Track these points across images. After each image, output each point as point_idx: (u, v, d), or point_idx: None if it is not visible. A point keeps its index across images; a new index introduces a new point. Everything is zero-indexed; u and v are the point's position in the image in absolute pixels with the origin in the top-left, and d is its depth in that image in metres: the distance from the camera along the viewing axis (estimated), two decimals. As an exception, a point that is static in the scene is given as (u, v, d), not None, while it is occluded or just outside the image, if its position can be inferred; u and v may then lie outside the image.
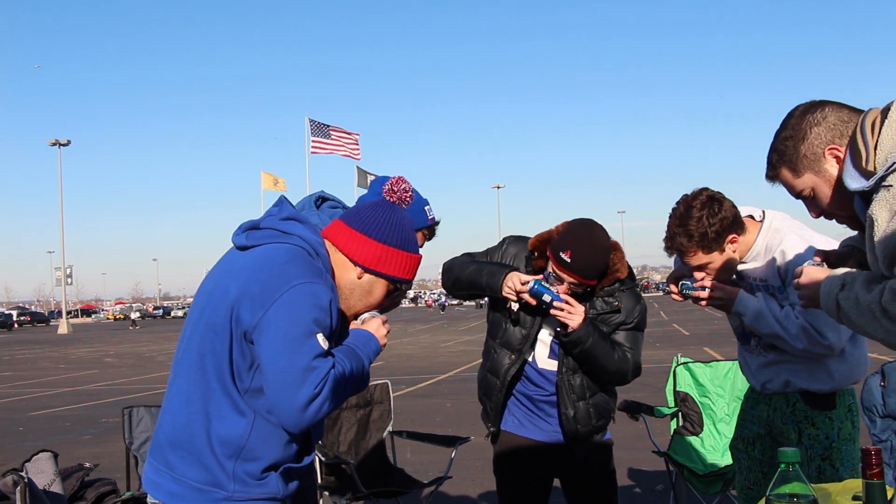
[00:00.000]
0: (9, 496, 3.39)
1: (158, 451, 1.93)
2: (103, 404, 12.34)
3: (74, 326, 57.98)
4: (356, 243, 1.98)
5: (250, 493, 1.88)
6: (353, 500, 4.09)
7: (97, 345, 33.11)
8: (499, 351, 2.94)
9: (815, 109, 1.89)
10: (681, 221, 2.58)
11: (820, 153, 1.86)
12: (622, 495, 5.58)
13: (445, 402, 10.88)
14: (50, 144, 51.68)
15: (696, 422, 4.77)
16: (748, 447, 2.83)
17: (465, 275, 2.94)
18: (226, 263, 1.99)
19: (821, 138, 1.86)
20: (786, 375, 2.68)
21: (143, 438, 4.32)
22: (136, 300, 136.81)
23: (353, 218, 2.01)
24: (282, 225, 1.95)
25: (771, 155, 1.95)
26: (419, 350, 21.59)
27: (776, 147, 1.93)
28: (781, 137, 1.92)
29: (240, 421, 1.86)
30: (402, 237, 2.01)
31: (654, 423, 4.73)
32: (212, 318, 1.87)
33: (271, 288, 1.81)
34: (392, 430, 4.69)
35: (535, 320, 2.88)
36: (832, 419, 2.64)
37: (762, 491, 2.75)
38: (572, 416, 2.86)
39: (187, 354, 1.91)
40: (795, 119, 1.90)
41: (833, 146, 1.85)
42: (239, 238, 1.98)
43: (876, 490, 1.42)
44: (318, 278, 1.86)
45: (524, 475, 3.01)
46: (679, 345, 17.42)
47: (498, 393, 2.94)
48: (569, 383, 2.86)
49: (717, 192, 2.61)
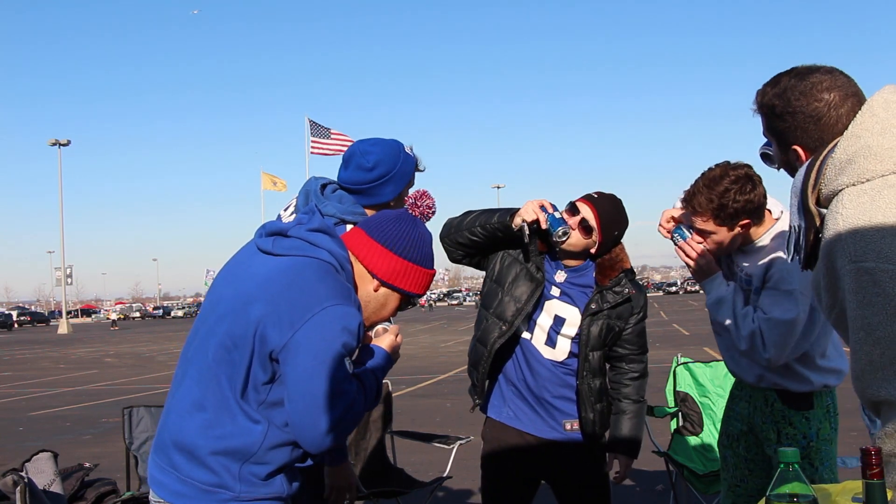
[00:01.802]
0: (9, 496, 3.38)
1: (163, 451, 1.90)
2: (103, 404, 12.33)
3: (74, 326, 57.98)
4: (377, 256, 1.97)
5: (256, 493, 1.86)
6: (353, 500, 4.08)
7: (97, 345, 33.10)
8: (490, 320, 2.91)
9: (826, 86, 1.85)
10: (709, 184, 2.57)
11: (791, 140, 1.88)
12: (622, 495, 5.60)
13: (445, 402, 10.87)
14: (50, 144, 51.67)
15: (696, 422, 4.77)
16: (733, 444, 2.84)
17: (471, 217, 2.90)
18: (246, 266, 1.94)
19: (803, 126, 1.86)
20: (759, 370, 2.69)
21: (143, 438, 4.32)
22: (136, 300, 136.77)
23: (375, 230, 2.00)
24: (311, 237, 1.91)
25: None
26: (419, 350, 21.58)
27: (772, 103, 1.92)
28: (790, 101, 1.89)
29: (253, 430, 1.83)
30: (423, 253, 2.02)
31: (654, 423, 4.73)
32: (233, 328, 1.83)
33: (301, 308, 1.78)
34: (392, 430, 4.69)
35: (531, 296, 2.86)
36: (809, 419, 2.65)
37: (749, 487, 2.78)
38: (592, 419, 2.86)
39: (201, 357, 1.88)
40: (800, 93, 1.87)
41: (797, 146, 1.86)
42: (265, 243, 1.93)
43: (876, 490, 1.42)
44: (348, 300, 1.84)
45: (512, 474, 2.97)
46: (679, 345, 17.43)
47: (484, 363, 2.91)
48: (589, 386, 2.85)
49: (757, 174, 2.60)
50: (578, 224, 2.80)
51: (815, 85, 1.82)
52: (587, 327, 2.82)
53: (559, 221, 2.73)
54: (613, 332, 2.85)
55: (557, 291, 2.89)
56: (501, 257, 2.94)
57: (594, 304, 2.83)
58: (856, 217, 1.62)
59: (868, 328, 1.56)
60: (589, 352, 2.84)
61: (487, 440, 3.02)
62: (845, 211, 1.64)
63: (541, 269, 2.88)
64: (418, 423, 8.42)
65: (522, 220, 2.74)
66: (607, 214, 2.82)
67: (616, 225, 2.85)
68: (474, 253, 2.95)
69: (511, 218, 2.79)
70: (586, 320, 2.82)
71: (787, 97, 1.85)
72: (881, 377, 1.54)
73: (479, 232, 2.85)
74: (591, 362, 2.84)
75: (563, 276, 2.90)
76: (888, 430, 1.53)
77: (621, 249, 2.90)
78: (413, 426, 7.02)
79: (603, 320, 2.83)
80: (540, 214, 2.73)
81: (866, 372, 1.57)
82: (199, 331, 1.93)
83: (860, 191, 1.65)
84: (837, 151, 1.70)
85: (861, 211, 1.62)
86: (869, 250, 1.57)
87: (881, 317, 1.54)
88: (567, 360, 2.88)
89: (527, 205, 2.77)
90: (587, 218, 2.80)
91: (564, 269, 2.90)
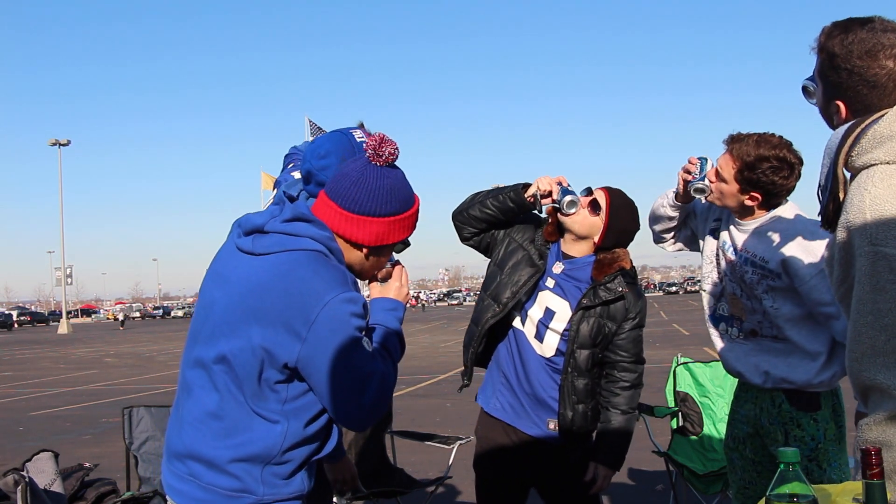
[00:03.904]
0: (10, 496, 3.39)
1: (179, 459, 1.85)
2: (103, 404, 12.31)
3: (74, 326, 57.94)
4: (356, 227, 1.87)
5: (279, 494, 1.83)
6: (353, 500, 4.08)
7: (97, 345, 33.08)
8: (486, 302, 2.95)
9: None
10: (759, 143, 2.59)
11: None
12: (622, 495, 5.61)
13: (445, 402, 10.87)
14: (50, 144, 51.59)
15: (696, 422, 4.77)
16: (740, 447, 2.82)
17: (483, 193, 2.97)
18: (233, 267, 1.86)
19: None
20: (765, 367, 2.68)
21: (143, 438, 4.32)
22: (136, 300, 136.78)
23: (343, 198, 1.87)
24: (289, 227, 1.83)
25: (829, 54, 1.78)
26: (419, 350, 21.56)
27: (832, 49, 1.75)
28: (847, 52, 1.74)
29: (272, 431, 1.80)
30: (401, 198, 1.89)
31: (654, 423, 4.73)
32: (233, 347, 1.77)
33: (304, 311, 1.73)
34: (392, 430, 4.69)
35: (528, 280, 2.88)
36: (817, 421, 2.64)
37: (758, 490, 2.76)
38: (570, 419, 2.84)
39: (206, 366, 1.82)
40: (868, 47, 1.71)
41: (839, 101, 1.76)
42: (244, 243, 1.85)
43: (876, 490, 1.42)
44: (345, 284, 1.79)
45: (503, 476, 2.98)
46: (679, 345, 17.40)
47: (476, 343, 2.94)
48: (572, 385, 2.84)
49: (799, 165, 2.62)
50: (588, 203, 2.85)
51: (884, 48, 1.69)
52: (577, 323, 2.81)
53: (569, 192, 2.82)
54: (603, 333, 2.83)
55: (552, 283, 2.90)
56: (507, 243, 2.97)
57: (586, 299, 2.82)
58: (884, 198, 1.55)
59: (877, 313, 1.53)
60: (576, 349, 2.82)
61: (479, 439, 3.05)
62: (874, 189, 1.56)
63: (543, 257, 2.91)
64: (418, 423, 8.42)
65: (537, 187, 2.84)
66: (618, 206, 2.87)
67: (624, 219, 2.88)
68: (486, 229, 2.99)
69: (524, 189, 2.87)
70: (577, 315, 2.82)
71: (850, 50, 1.71)
72: (881, 363, 1.52)
73: (492, 204, 2.91)
74: (577, 360, 2.82)
75: (560, 268, 2.91)
76: (876, 418, 1.51)
77: (624, 252, 2.91)
78: (413, 426, 7.01)
79: (594, 319, 2.82)
80: (553, 185, 2.83)
81: (866, 356, 1.54)
82: (197, 337, 1.87)
83: (893, 170, 1.58)
84: (882, 123, 1.61)
85: (891, 192, 1.55)
86: (891, 236, 1.52)
87: (892, 304, 1.51)
88: (554, 357, 2.88)
89: (541, 178, 2.86)
90: (598, 199, 2.86)
91: (563, 261, 2.92)
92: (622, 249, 2.91)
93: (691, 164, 2.74)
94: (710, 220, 2.88)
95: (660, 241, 3.07)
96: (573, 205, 2.80)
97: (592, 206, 2.86)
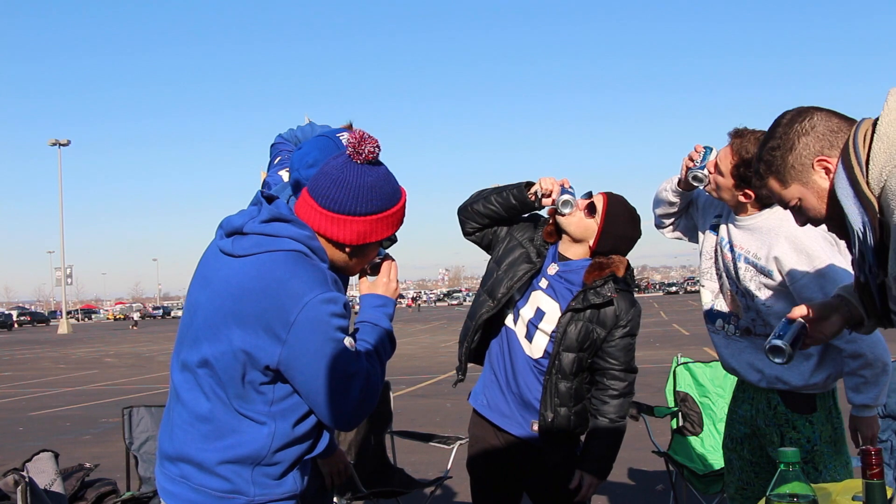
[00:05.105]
0: (10, 496, 3.39)
1: (171, 462, 1.86)
2: (103, 404, 12.32)
3: (74, 326, 57.97)
4: (338, 227, 1.85)
5: (271, 495, 1.84)
6: (353, 499, 4.09)
7: (97, 345, 33.09)
8: (482, 297, 2.98)
9: (804, 118, 1.79)
10: (758, 142, 2.57)
11: (808, 164, 1.77)
12: (622, 495, 5.61)
13: (445, 402, 10.88)
14: (50, 144, 51.62)
15: (696, 422, 4.77)
16: (738, 447, 2.83)
17: (487, 190, 3.01)
18: (216, 269, 1.85)
19: (809, 149, 1.76)
20: (759, 365, 2.67)
21: (143, 438, 4.32)
22: (136, 300, 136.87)
23: (323, 197, 1.85)
24: (267, 228, 1.82)
25: (758, 165, 1.86)
26: (419, 350, 21.57)
27: (763, 157, 1.84)
28: (768, 147, 1.82)
29: (260, 433, 1.80)
30: (383, 196, 1.86)
31: (654, 423, 4.73)
32: (215, 351, 1.78)
33: (284, 313, 1.72)
34: (392, 430, 4.69)
35: (523, 276, 2.90)
36: (813, 423, 2.63)
37: (756, 490, 2.76)
38: (549, 420, 2.83)
39: (191, 369, 1.83)
40: (783, 128, 1.81)
41: (822, 157, 1.76)
42: (225, 244, 1.85)
43: (876, 490, 1.42)
44: (325, 284, 1.78)
45: (494, 478, 2.98)
46: (679, 345, 17.39)
47: (470, 337, 2.97)
48: (555, 387, 2.82)
49: None
50: (585, 206, 2.87)
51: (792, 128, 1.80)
52: (565, 325, 2.81)
53: (569, 193, 2.86)
54: (591, 338, 2.81)
55: (545, 283, 2.90)
56: (508, 241, 2.99)
57: (575, 301, 2.82)
58: None
59: None
60: (562, 351, 2.81)
61: (470, 438, 3.07)
62: None
63: (541, 255, 2.93)
64: (418, 423, 8.43)
65: (539, 186, 2.89)
66: (616, 211, 2.87)
67: (621, 225, 2.87)
68: (488, 224, 3.02)
69: (528, 187, 2.91)
70: (565, 317, 2.81)
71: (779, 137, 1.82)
72: None
73: (495, 200, 2.95)
74: (562, 362, 2.81)
75: (554, 269, 2.92)
76: None
77: (620, 260, 2.88)
78: (413, 426, 7.02)
79: (583, 322, 2.80)
80: (555, 186, 2.86)
81: None
82: (183, 340, 1.88)
83: None
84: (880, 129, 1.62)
85: None
86: None
87: None
88: (542, 358, 2.87)
89: (545, 177, 2.90)
90: (595, 203, 2.88)
91: (558, 262, 2.92)
92: (618, 256, 2.88)
93: (696, 152, 2.76)
94: (712, 215, 2.88)
95: (660, 226, 3.09)
96: (567, 205, 2.80)
97: (589, 209, 2.87)
